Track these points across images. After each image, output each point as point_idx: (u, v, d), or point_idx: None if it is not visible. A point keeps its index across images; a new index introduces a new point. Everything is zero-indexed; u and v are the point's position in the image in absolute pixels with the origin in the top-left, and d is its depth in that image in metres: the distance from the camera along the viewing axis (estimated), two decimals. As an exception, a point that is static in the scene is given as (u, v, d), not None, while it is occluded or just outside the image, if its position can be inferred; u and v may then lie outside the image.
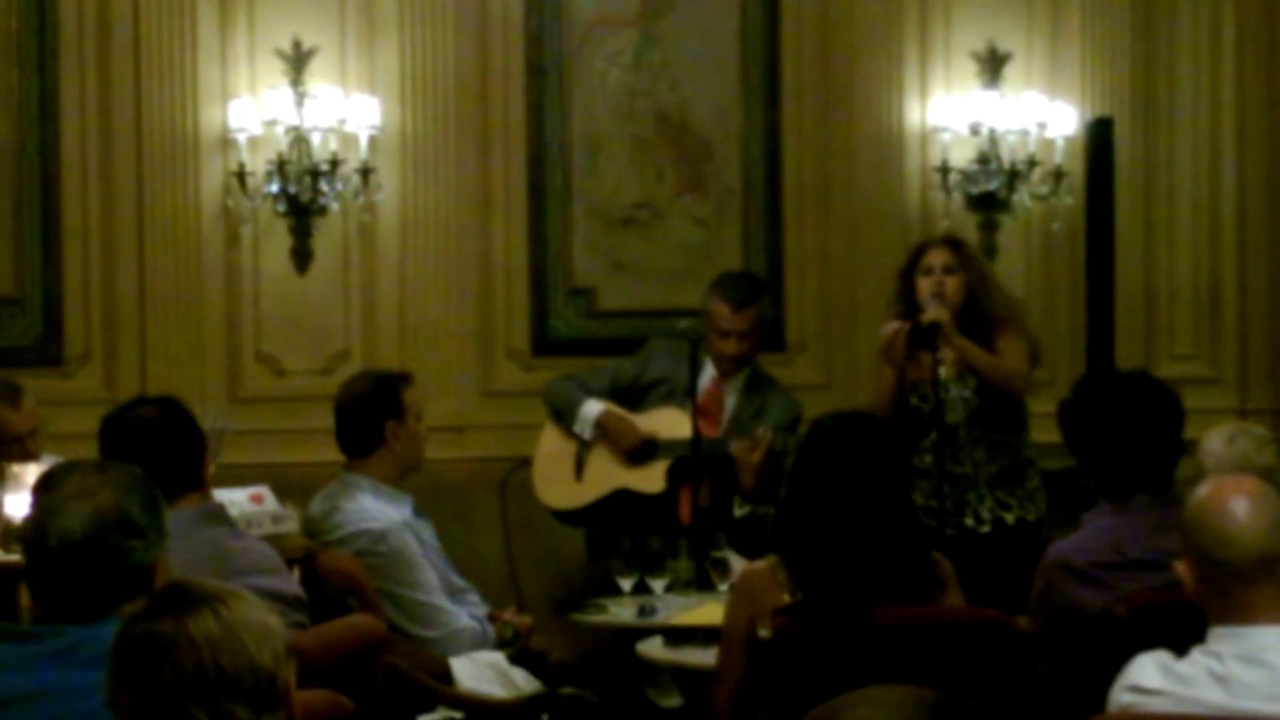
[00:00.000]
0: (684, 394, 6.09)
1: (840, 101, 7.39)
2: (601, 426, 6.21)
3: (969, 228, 7.35)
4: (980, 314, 5.80)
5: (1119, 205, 7.34)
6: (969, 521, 5.70)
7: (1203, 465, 4.44)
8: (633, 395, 6.28)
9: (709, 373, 6.23)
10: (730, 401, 6.16)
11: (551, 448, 6.32)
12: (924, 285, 5.78)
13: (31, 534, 2.93)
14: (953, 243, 5.99)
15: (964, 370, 5.74)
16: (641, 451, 6.18)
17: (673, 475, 6.13)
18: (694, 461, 5.86)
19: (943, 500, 5.60)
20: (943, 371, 5.63)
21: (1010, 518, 5.74)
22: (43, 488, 2.98)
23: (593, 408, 6.23)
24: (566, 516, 6.37)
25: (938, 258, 5.83)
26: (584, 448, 6.26)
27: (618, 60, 7.30)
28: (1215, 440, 4.52)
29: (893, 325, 5.74)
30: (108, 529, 2.89)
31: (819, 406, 5.80)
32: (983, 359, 5.72)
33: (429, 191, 7.09)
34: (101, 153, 6.93)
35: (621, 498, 6.18)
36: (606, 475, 6.22)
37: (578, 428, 6.24)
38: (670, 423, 6.17)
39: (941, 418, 5.66)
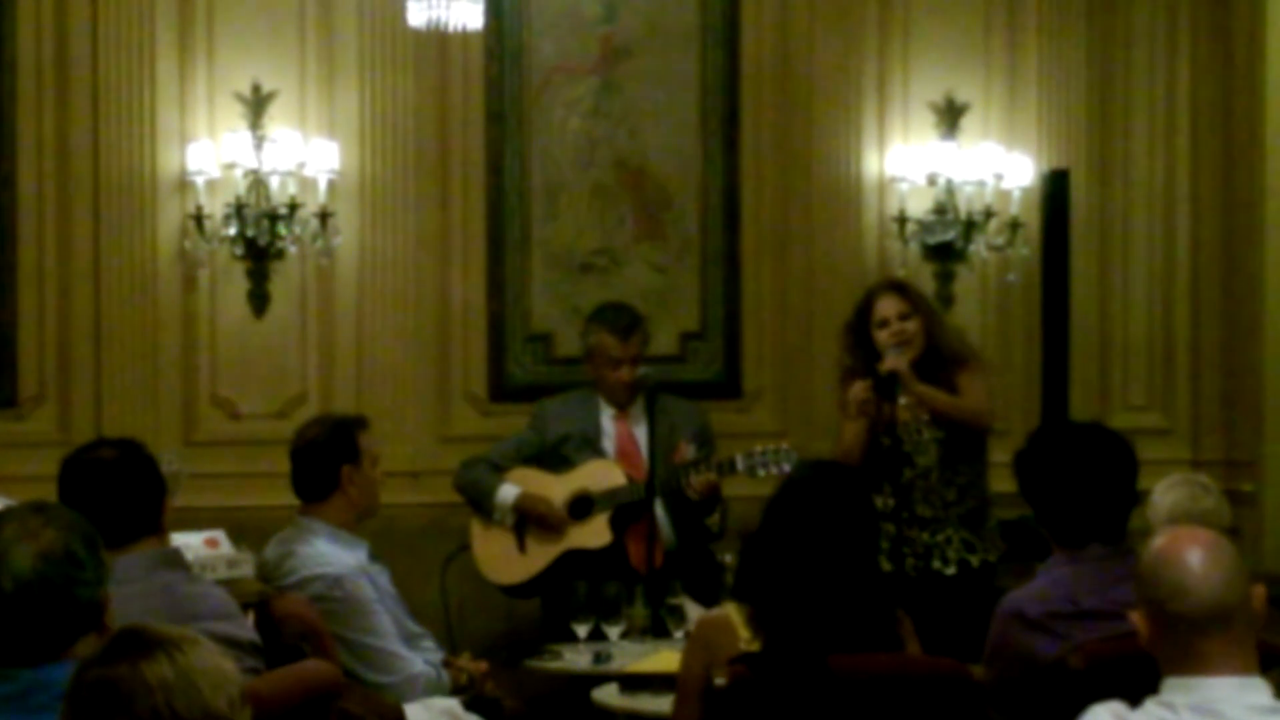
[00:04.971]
0: (595, 440, 6.19)
1: (799, 150, 7.43)
2: (520, 510, 6.19)
3: (925, 277, 7.38)
4: (937, 355, 5.80)
5: (1074, 257, 7.40)
6: (935, 564, 5.71)
7: (1147, 515, 4.50)
8: (550, 460, 6.27)
9: (607, 414, 6.26)
10: (641, 433, 6.10)
11: (486, 528, 6.28)
12: (882, 337, 5.75)
13: None
14: (899, 287, 5.97)
15: (932, 413, 5.75)
16: (578, 508, 6.17)
17: (616, 525, 6.13)
18: (647, 506, 5.85)
19: (909, 544, 5.62)
20: (904, 413, 5.65)
21: (975, 560, 5.74)
22: None
23: (508, 493, 6.20)
24: (518, 590, 6.33)
25: (890, 307, 5.79)
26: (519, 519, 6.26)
27: (577, 107, 7.32)
28: (1157, 490, 4.59)
29: (860, 387, 5.71)
30: (57, 566, 2.88)
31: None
32: (944, 402, 5.73)
33: (387, 236, 7.09)
34: (58, 194, 6.91)
35: (570, 559, 6.16)
36: (550, 541, 6.19)
37: (497, 517, 6.21)
38: (598, 474, 6.18)
39: (910, 460, 5.68)
